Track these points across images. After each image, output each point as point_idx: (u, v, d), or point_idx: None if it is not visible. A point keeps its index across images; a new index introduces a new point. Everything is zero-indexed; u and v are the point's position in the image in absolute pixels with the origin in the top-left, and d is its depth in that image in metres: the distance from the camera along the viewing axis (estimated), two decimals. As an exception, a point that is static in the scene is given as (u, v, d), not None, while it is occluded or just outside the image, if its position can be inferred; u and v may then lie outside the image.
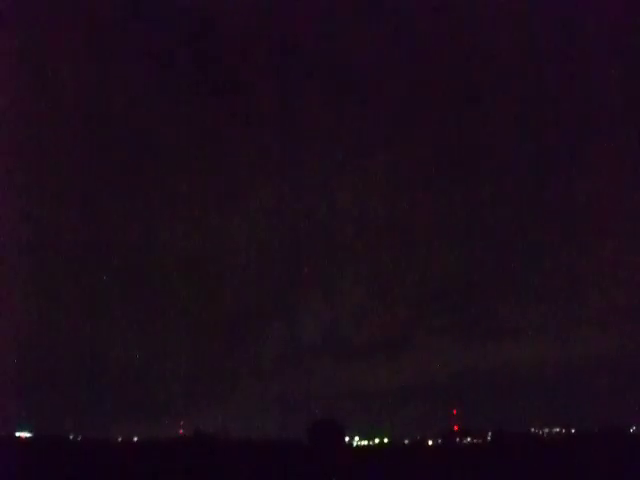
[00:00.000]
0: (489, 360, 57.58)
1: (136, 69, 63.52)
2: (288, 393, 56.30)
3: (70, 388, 53.87)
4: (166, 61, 62.95)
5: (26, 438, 51.00)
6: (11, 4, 55.27)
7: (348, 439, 54.66)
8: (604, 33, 59.51)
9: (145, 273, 61.12)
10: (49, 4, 59.13)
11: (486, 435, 55.59)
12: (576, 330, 57.10)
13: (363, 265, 63.25)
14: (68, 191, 61.07)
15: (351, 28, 63.29)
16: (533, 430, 55.58)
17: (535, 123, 63.44)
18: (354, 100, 64.34)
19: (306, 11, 61.99)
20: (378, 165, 65.24)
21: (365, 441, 55.98)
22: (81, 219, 60.67)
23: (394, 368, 57.68)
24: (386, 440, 56.24)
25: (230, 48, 62.63)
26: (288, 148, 62.85)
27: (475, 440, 55.76)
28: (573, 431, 54.91)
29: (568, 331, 57.22)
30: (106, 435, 52.55)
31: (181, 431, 53.76)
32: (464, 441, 55.88)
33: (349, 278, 62.93)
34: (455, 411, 56.20)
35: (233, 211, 63.42)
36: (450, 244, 62.99)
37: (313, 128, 64.06)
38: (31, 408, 51.29)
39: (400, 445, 55.65)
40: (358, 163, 64.63)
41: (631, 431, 53.77)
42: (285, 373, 58.73)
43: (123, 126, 63.05)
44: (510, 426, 53.92)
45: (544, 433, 55.62)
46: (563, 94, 61.95)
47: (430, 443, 55.84)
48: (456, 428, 56.37)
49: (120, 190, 62.99)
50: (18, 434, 51.00)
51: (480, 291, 62.06)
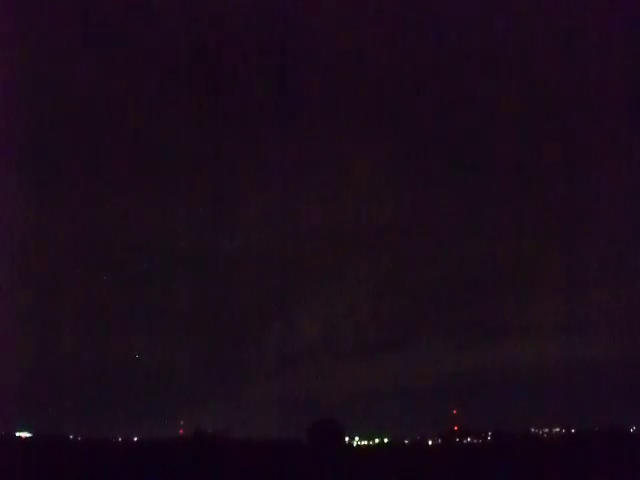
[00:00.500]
0: (489, 360, 57.56)
1: (136, 69, 63.54)
2: (288, 393, 56.26)
3: (70, 388, 53.87)
4: (166, 60, 62.89)
5: (26, 438, 51.00)
6: (11, 3, 55.29)
7: (348, 439, 54.66)
8: (604, 33, 59.54)
9: (145, 273, 61.13)
10: (48, 3, 59.15)
11: (486, 435, 55.60)
12: (576, 330, 57.07)
13: (363, 265, 63.22)
14: (68, 191, 61.06)
15: (351, 28, 63.28)
16: (533, 430, 55.61)
17: (536, 123, 63.43)
18: (354, 100, 64.31)
19: (306, 11, 62.03)
20: (378, 165, 65.23)
21: (365, 441, 55.99)
22: (81, 219, 60.67)
23: (394, 368, 57.66)
24: (386, 440, 56.26)
25: (230, 48, 62.59)
26: (288, 148, 62.86)
27: (475, 440, 55.75)
28: (573, 431, 54.90)
29: (568, 331, 57.20)
30: (106, 435, 52.59)
31: (181, 431, 53.82)
32: (464, 441, 55.87)
33: (349, 278, 62.91)
34: (455, 411, 56.25)
35: (233, 211, 63.38)
36: (450, 244, 63.03)
37: (313, 128, 64.09)
38: (31, 408, 51.34)
39: (400, 445, 55.64)
40: (358, 163, 64.57)
41: (631, 431, 53.77)
42: (285, 373, 58.64)
43: (123, 126, 63.03)
44: (510, 426, 54.02)
45: (544, 433, 55.62)
46: (563, 94, 61.89)
47: (430, 443, 55.85)
48: (456, 428, 56.36)
49: (120, 190, 62.95)
50: (18, 434, 51.01)
51: (480, 291, 62.04)
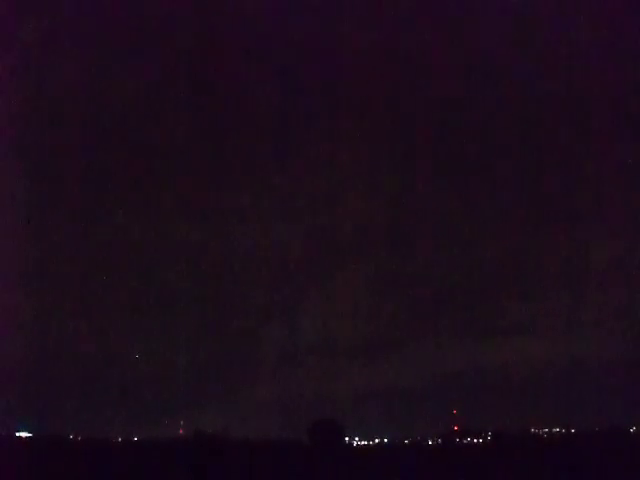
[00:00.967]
0: (489, 360, 57.60)
1: (137, 70, 63.50)
2: (288, 393, 56.31)
3: (70, 388, 53.88)
4: (166, 60, 62.91)
5: (26, 438, 50.97)
6: (11, 3, 55.30)
7: (348, 439, 54.63)
8: (605, 33, 59.56)
9: (145, 273, 61.12)
10: (48, 3, 59.13)
11: (486, 435, 55.57)
12: (576, 330, 57.09)
13: (363, 265, 63.17)
14: (68, 191, 61.02)
15: (352, 28, 63.23)
16: (533, 430, 55.57)
17: (536, 122, 63.41)
18: (355, 100, 64.25)
19: (306, 11, 62.04)
20: (379, 165, 65.21)
21: (365, 441, 55.95)
22: (81, 219, 60.67)
23: (394, 368, 57.69)
24: (386, 440, 56.22)
25: (231, 48, 62.58)
26: (288, 148, 62.90)
27: (475, 440, 55.73)
28: (573, 431, 54.88)
29: (568, 331, 57.22)
30: (106, 435, 52.55)
31: (181, 431, 53.80)
32: (464, 441, 55.84)
33: (349, 278, 62.86)
34: (455, 411, 56.24)
35: (233, 211, 63.38)
36: (450, 244, 62.97)
37: (313, 128, 64.08)
38: (31, 408, 51.32)
39: (400, 445, 55.62)
40: (358, 163, 64.56)
41: (631, 431, 53.75)
42: (285, 373, 58.68)
43: (123, 126, 63.02)
44: (510, 426, 54.01)
45: (544, 433, 55.59)
46: (564, 94, 61.87)
47: (430, 443, 55.81)
48: (456, 428, 56.34)
49: (120, 190, 62.96)
50: (18, 434, 50.98)
51: (480, 291, 61.99)
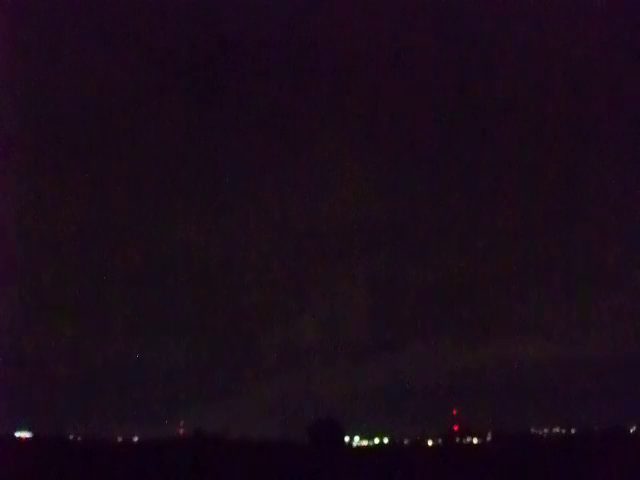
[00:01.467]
0: (489, 360, 57.64)
1: (138, 69, 63.52)
2: (288, 393, 56.35)
3: (70, 388, 53.90)
4: (166, 61, 62.93)
5: (26, 438, 50.94)
6: (11, 3, 55.28)
7: (348, 439, 54.60)
8: (606, 33, 59.55)
9: (145, 273, 61.15)
10: (49, 4, 59.14)
11: (486, 435, 55.54)
12: (576, 330, 57.13)
13: (363, 265, 63.23)
14: (68, 192, 61.08)
15: (352, 29, 63.26)
16: (533, 430, 55.55)
17: (537, 122, 63.43)
18: (355, 100, 64.32)
19: (306, 11, 62.05)
20: (379, 164, 65.28)
21: (365, 441, 55.92)
22: (81, 219, 60.69)
23: (394, 368, 57.74)
24: (386, 440, 56.19)
25: (231, 49, 62.62)
26: (288, 148, 62.93)
27: (475, 440, 55.69)
28: (573, 431, 54.87)
29: (569, 331, 57.27)
30: (106, 435, 52.54)
31: (181, 431, 53.76)
32: (464, 441, 55.80)
33: (349, 278, 62.91)
34: (455, 411, 56.22)
35: (233, 211, 63.45)
36: (450, 244, 63.04)
37: (313, 128, 64.12)
38: (31, 408, 51.30)
39: (400, 445, 55.59)
40: (358, 163, 64.60)
41: (631, 431, 53.73)
42: (285, 373, 58.76)
43: (123, 124, 63.05)
44: (510, 426, 53.99)
45: (544, 433, 55.56)
46: (565, 94, 61.89)
47: (430, 443, 55.78)
48: (456, 428, 56.30)
49: (120, 190, 63.00)
50: (18, 434, 50.95)
51: (480, 291, 62.08)
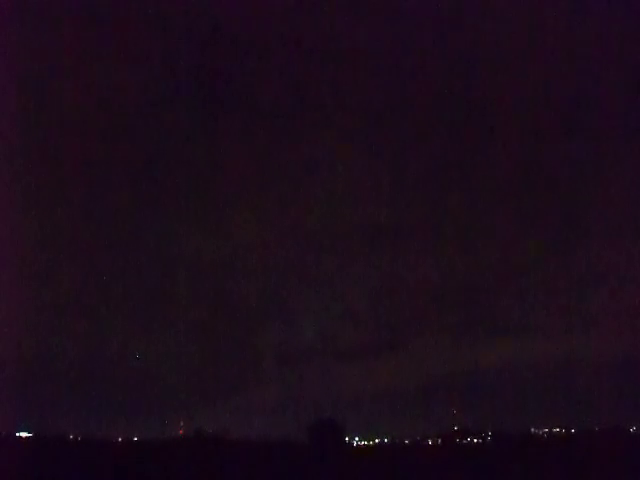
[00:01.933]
0: (489, 360, 57.62)
1: (137, 70, 63.58)
2: (288, 393, 56.35)
3: (70, 388, 53.90)
4: (166, 61, 62.96)
5: (26, 438, 50.95)
6: (12, 5, 55.31)
7: (348, 439, 54.64)
8: (606, 34, 59.63)
9: (145, 273, 61.18)
10: (51, 7, 59.22)
11: (486, 435, 55.57)
12: (576, 330, 57.12)
13: (362, 265, 63.24)
14: (69, 192, 61.15)
15: (352, 29, 63.34)
16: (533, 430, 55.59)
17: (536, 123, 63.52)
18: (355, 100, 64.39)
19: (306, 11, 62.11)
20: (379, 164, 65.31)
21: (365, 441, 55.95)
22: (81, 220, 60.76)
23: (394, 368, 57.74)
24: (386, 440, 56.22)
25: (232, 49, 62.71)
26: (288, 148, 63.00)
27: (475, 440, 55.73)
28: (573, 431, 54.90)
29: (568, 331, 57.25)
30: (106, 435, 52.55)
31: (181, 431, 53.78)
32: (464, 441, 55.83)
33: (348, 278, 62.92)
34: (455, 411, 56.25)
35: (233, 211, 63.52)
36: (450, 244, 63.07)
37: (313, 129, 64.19)
38: (31, 408, 51.32)
39: (400, 445, 55.62)
40: (358, 163, 64.67)
41: (631, 431, 53.77)
42: (285, 373, 58.76)
43: (124, 124, 63.12)
44: (510, 426, 54.02)
45: (544, 433, 55.59)
46: (565, 94, 61.98)
47: (430, 443, 55.80)
48: (456, 428, 56.37)
49: (121, 190, 63.07)
50: (18, 434, 50.97)
51: (480, 291, 62.12)
